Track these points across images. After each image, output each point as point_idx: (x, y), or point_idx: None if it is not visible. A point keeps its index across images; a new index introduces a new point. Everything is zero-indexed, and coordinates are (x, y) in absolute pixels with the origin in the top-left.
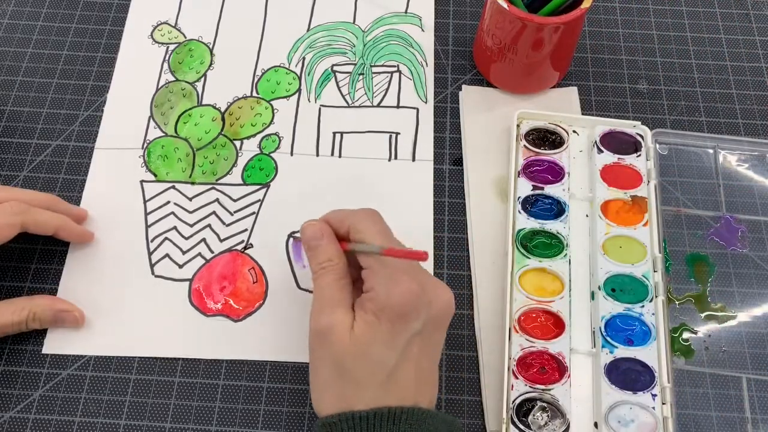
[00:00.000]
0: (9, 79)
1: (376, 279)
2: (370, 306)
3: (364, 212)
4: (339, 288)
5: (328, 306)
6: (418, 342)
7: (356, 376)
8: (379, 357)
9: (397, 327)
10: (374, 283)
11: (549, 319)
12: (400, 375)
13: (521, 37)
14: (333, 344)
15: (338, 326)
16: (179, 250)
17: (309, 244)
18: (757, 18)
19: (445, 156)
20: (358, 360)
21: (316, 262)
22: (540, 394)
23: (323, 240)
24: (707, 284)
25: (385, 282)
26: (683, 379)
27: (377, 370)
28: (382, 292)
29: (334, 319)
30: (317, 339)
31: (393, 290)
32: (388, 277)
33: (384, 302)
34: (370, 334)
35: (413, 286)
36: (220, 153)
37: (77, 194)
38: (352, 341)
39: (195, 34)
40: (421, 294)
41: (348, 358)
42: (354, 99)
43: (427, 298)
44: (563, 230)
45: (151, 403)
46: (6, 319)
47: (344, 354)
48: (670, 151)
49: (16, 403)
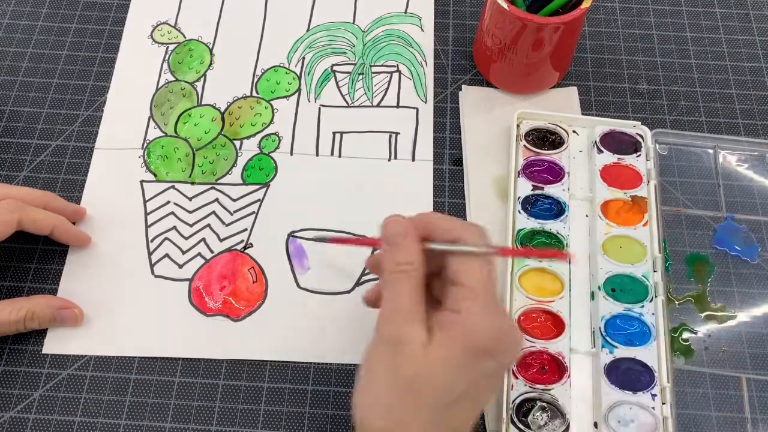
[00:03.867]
0: (9, 79)
1: (469, 303)
2: (456, 330)
3: (475, 227)
4: (417, 298)
5: (404, 317)
6: (485, 381)
7: (419, 399)
8: (449, 383)
9: (476, 360)
10: (466, 307)
11: (549, 319)
12: (459, 407)
13: (521, 37)
14: (404, 360)
15: (414, 343)
16: (179, 249)
17: (390, 239)
18: (757, 18)
19: (445, 156)
20: (427, 382)
21: (395, 261)
22: (540, 394)
23: (407, 239)
24: (707, 284)
25: (479, 310)
26: (683, 379)
27: (442, 395)
28: (474, 320)
29: (411, 332)
30: (386, 348)
31: (488, 323)
32: (483, 306)
33: (473, 331)
34: (445, 357)
35: (506, 326)
36: (219, 153)
37: (77, 194)
38: (426, 362)
39: (195, 34)
40: (508, 335)
41: (418, 377)
42: (354, 99)
43: (509, 341)
44: (563, 230)
45: (151, 403)
46: (3, 318)
47: (415, 372)
48: (670, 151)
49: (16, 403)
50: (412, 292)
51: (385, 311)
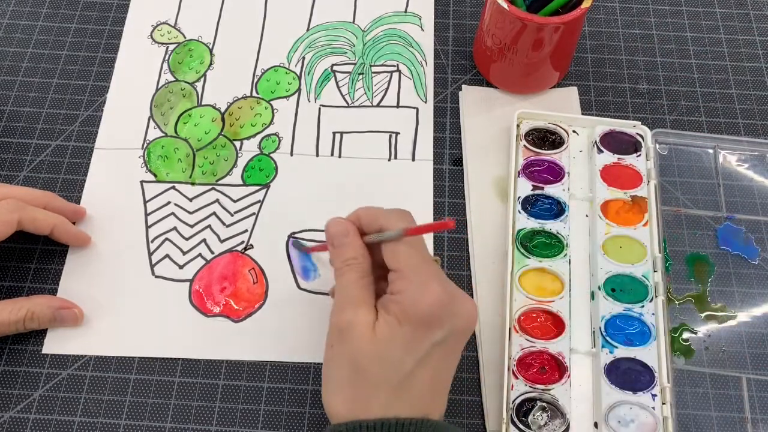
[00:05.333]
0: (9, 79)
1: (404, 282)
2: (395, 309)
3: (397, 213)
4: (362, 286)
5: (351, 303)
6: (438, 352)
7: (371, 377)
8: (397, 360)
9: (420, 334)
10: (402, 287)
11: (549, 319)
12: (415, 382)
13: (521, 37)
14: (352, 342)
15: (360, 324)
16: (179, 250)
17: (334, 241)
18: (757, 18)
19: (445, 156)
20: (375, 361)
21: (341, 259)
22: (540, 394)
23: (348, 238)
24: (707, 284)
25: (414, 287)
26: (683, 379)
27: (392, 373)
28: (409, 296)
29: (356, 317)
30: (337, 335)
31: (421, 297)
32: (417, 283)
33: (410, 307)
34: (390, 336)
35: (443, 295)
36: (220, 153)
37: (77, 194)
38: (371, 341)
39: (195, 34)
40: (449, 304)
41: (365, 357)
42: (354, 99)
43: (454, 309)
44: (563, 230)
45: (151, 403)
46: (3, 318)
47: (362, 352)
48: (670, 151)
49: (16, 403)
50: (357, 280)
51: (335, 303)
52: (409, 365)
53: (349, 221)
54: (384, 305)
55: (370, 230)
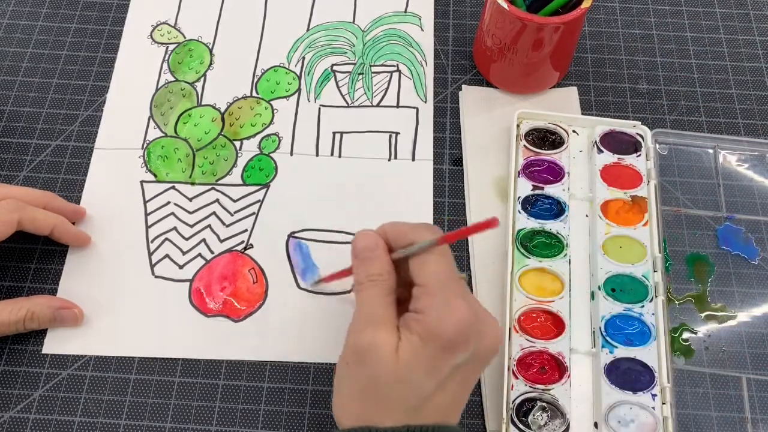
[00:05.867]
0: (9, 79)
1: (429, 300)
2: (419, 329)
3: (426, 226)
4: (386, 304)
5: (373, 323)
6: (460, 374)
7: (388, 400)
8: (417, 383)
9: (443, 354)
10: (427, 305)
11: (549, 319)
12: (432, 403)
13: (521, 37)
14: (374, 365)
15: (382, 347)
16: (179, 250)
17: (361, 254)
18: (757, 18)
19: (445, 156)
20: (395, 384)
21: (366, 273)
22: (540, 394)
23: (377, 252)
24: (707, 284)
25: (439, 306)
26: (683, 379)
27: (411, 396)
28: (434, 316)
29: (378, 339)
30: (356, 356)
31: (447, 317)
32: (442, 301)
33: (435, 328)
34: (413, 358)
35: (468, 314)
36: (219, 153)
37: (77, 194)
38: (393, 365)
39: (194, 34)
40: (475, 324)
41: (386, 381)
42: (354, 99)
43: (479, 330)
44: (563, 230)
45: (151, 403)
46: (3, 318)
47: (383, 377)
48: (670, 151)
49: (16, 403)
50: (380, 299)
51: (355, 319)
52: (429, 389)
53: (378, 235)
54: (406, 324)
55: (397, 245)
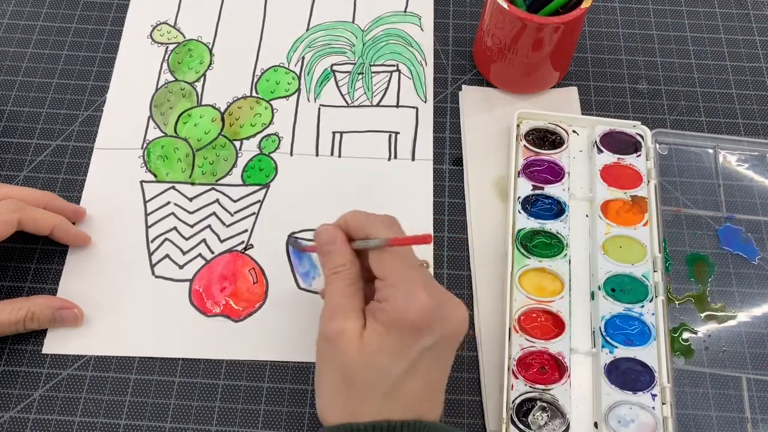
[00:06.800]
0: (9, 79)
1: (391, 290)
2: (382, 317)
3: (383, 220)
4: (350, 294)
5: (339, 312)
6: (428, 357)
7: (361, 386)
8: (386, 367)
9: (407, 341)
10: (389, 294)
11: (549, 319)
12: (406, 388)
13: (521, 37)
14: (341, 351)
15: (348, 333)
16: (179, 250)
17: (323, 248)
18: (757, 18)
19: (445, 156)
20: (363, 369)
21: (330, 266)
22: (540, 394)
23: (335, 245)
24: (707, 284)
25: (400, 295)
26: (683, 379)
27: (382, 380)
28: (396, 304)
29: (343, 326)
30: (326, 345)
31: (408, 305)
32: (404, 291)
33: (397, 315)
34: (378, 344)
35: (429, 302)
36: (219, 153)
37: (77, 194)
38: (360, 349)
39: (194, 34)
40: (437, 310)
41: (354, 366)
42: (353, 98)
43: (443, 314)
44: (563, 230)
45: (151, 403)
46: (3, 318)
47: (351, 362)
48: (670, 151)
49: (16, 403)
50: (344, 288)
51: (324, 310)
52: (397, 372)
53: (337, 227)
54: (372, 312)
55: (358, 236)
